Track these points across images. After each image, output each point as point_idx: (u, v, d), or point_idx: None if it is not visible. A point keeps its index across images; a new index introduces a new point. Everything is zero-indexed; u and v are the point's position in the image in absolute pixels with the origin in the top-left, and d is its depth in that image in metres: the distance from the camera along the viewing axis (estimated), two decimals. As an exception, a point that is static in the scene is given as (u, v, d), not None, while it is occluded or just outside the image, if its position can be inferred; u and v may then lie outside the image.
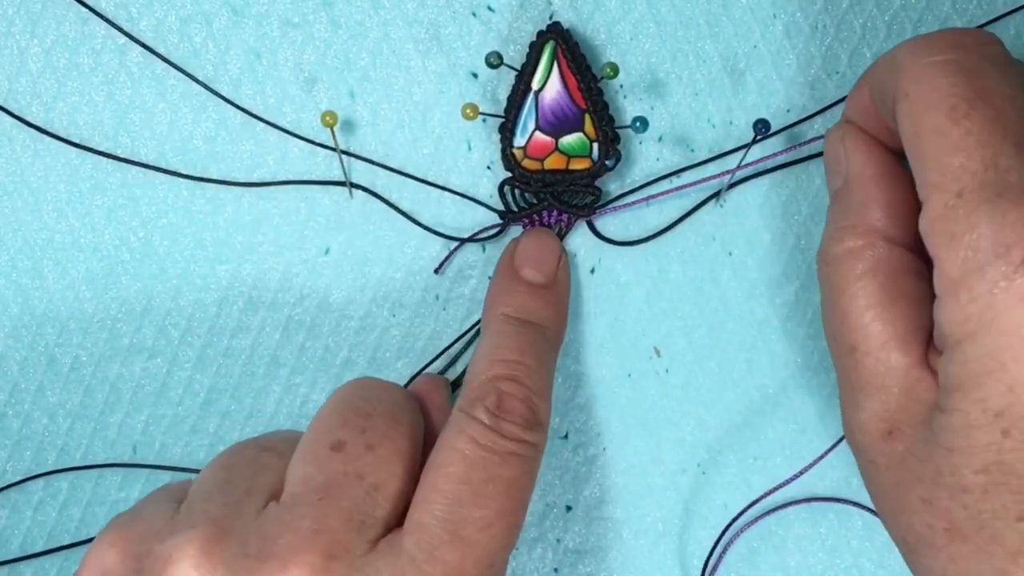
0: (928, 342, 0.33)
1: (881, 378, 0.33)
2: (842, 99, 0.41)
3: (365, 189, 0.42)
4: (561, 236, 0.42)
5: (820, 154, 0.42)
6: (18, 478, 0.43)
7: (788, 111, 0.42)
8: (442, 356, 0.42)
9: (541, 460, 0.36)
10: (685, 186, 0.41)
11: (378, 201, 0.42)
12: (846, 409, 0.34)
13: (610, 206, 0.41)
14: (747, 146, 0.40)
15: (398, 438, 0.34)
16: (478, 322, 0.42)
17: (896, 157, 0.36)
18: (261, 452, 0.35)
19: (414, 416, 0.36)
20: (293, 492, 0.33)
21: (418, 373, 0.42)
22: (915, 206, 0.33)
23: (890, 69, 0.33)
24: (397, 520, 0.34)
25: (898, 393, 0.32)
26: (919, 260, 0.34)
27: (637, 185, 0.42)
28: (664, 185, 0.42)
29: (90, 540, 0.43)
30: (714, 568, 0.43)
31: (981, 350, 0.29)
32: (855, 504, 0.43)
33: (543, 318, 0.39)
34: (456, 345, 0.42)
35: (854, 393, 0.33)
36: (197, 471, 0.43)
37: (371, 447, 0.34)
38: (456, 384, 0.41)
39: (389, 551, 0.32)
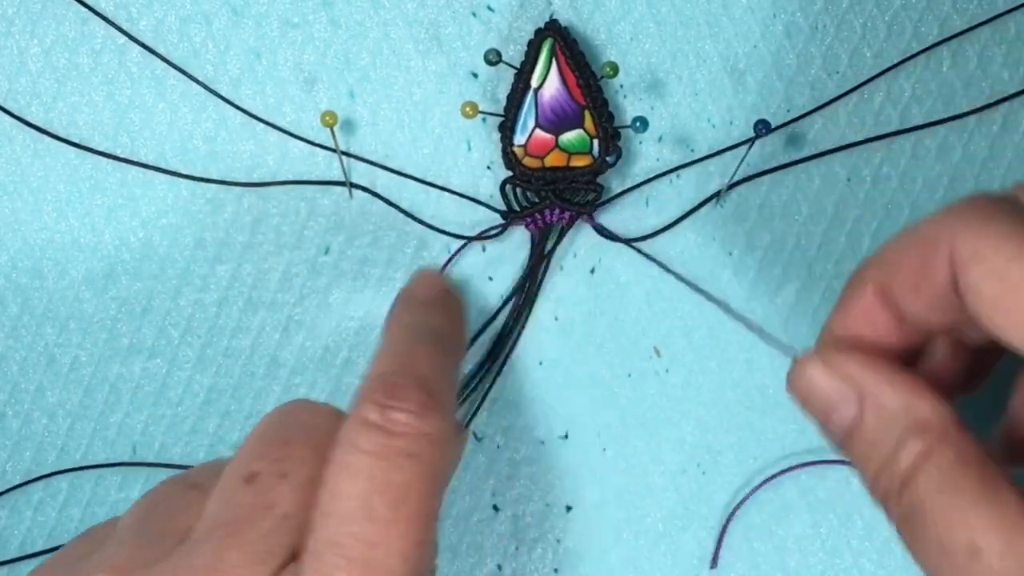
0: None
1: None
2: (840, 96, 0.41)
3: (365, 189, 0.42)
4: (563, 234, 0.42)
5: (820, 154, 0.42)
6: (18, 478, 0.43)
7: (788, 111, 0.42)
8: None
9: (452, 454, 0.32)
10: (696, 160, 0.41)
11: (378, 201, 0.42)
12: None
13: (608, 205, 0.41)
14: (748, 143, 0.40)
15: (316, 463, 0.31)
16: (481, 327, 0.42)
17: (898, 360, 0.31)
18: (186, 490, 0.33)
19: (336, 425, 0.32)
20: (202, 529, 0.31)
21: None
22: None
23: (928, 247, 0.29)
24: None
25: None
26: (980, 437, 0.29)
27: (638, 183, 0.42)
28: (664, 184, 0.42)
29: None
30: (716, 552, 0.43)
31: None
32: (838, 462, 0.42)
33: (434, 320, 0.36)
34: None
35: None
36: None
37: (284, 475, 0.31)
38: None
39: None
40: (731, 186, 0.41)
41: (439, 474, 0.31)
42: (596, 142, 0.40)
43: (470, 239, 0.41)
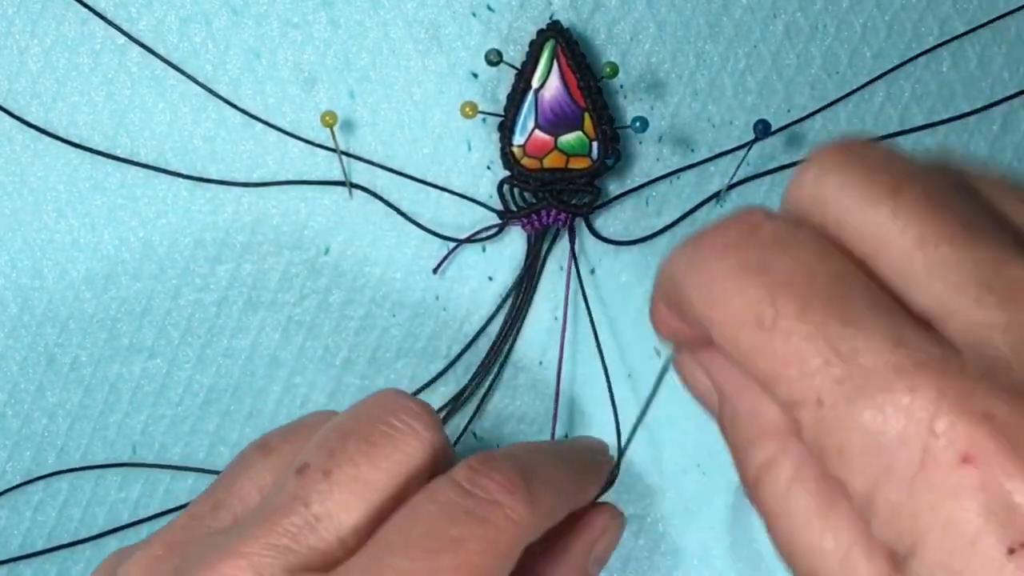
0: None
1: None
2: (842, 97, 0.41)
3: (365, 189, 0.42)
4: (559, 235, 0.42)
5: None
6: (18, 478, 0.43)
7: (788, 111, 0.42)
8: (442, 357, 0.42)
9: (517, 545, 0.30)
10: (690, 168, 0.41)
11: (378, 201, 0.42)
12: None
13: (608, 205, 0.41)
14: (747, 145, 0.40)
15: (364, 465, 0.31)
16: (482, 327, 0.42)
17: None
18: (253, 451, 0.34)
19: (415, 441, 0.32)
20: (247, 513, 0.31)
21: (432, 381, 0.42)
22: None
23: (675, 289, 0.29)
24: (350, 555, 0.31)
25: None
26: None
27: (637, 185, 0.42)
28: (664, 185, 0.42)
29: (90, 539, 0.43)
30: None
31: (932, 565, 0.24)
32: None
33: (575, 461, 0.35)
34: (455, 347, 0.42)
35: None
36: (196, 470, 0.43)
37: (328, 472, 0.30)
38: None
39: None
40: (731, 186, 0.41)
41: (502, 549, 0.30)
42: (595, 144, 0.40)
43: (461, 241, 0.41)
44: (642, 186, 0.42)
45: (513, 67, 0.40)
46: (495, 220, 0.42)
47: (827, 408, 0.25)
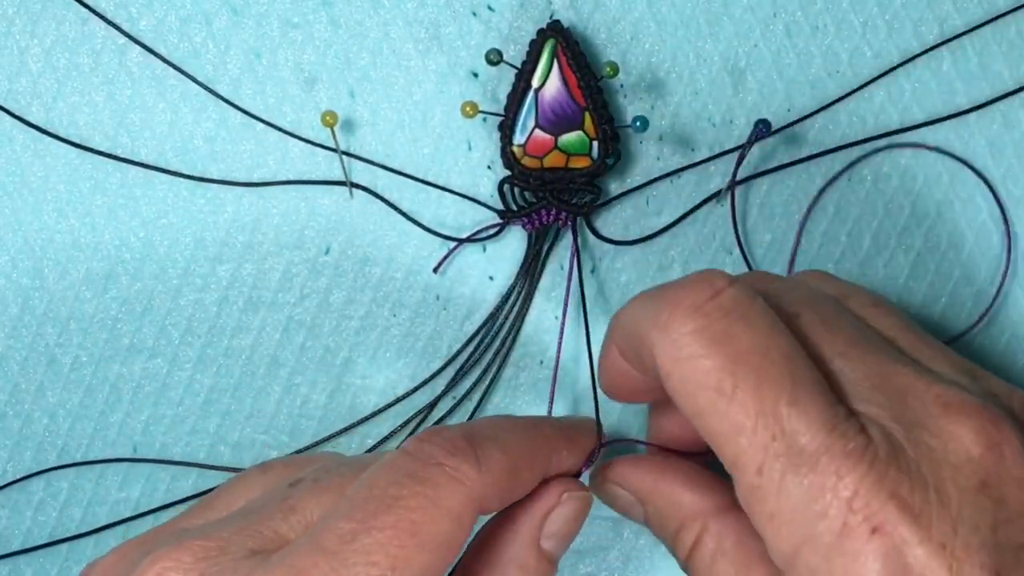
0: None
1: None
2: (842, 97, 0.41)
3: (365, 189, 0.42)
4: (559, 235, 0.42)
5: (821, 154, 0.42)
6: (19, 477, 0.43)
7: (788, 111, 0.42)
8: (442, 356, 0.42)
9: (466, 505, 0.30)
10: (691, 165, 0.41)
11: (378, 201, 0.42)
12: None
13: (608, 205, 0.41)
14: (747, 145, 0.40)
15: (350, 477, 0.32)
16: (481, 326, 0.42)
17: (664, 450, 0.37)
18: (254, 469, 0.35)
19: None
20: (231, 512, 0.33)
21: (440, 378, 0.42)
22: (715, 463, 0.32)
23: (637, 341, 0.32)
24: None
25: None
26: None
27: (637, 184, 0.42)
28: (664, 185, 0.42)
29: (91, 532, 0.43)
30: None
31: None
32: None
33: (548, 428, 0.36)
34: (456, 347, 0.42)
35: None
36: (198, 466, 0.43)
37: (316, 480, 0.32)
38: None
39: (260, 560, 0.29)
40: (731, 186, 0.41)
41: (446, 508, 0.30)
42: (595, 144, 0.40)
43: (461, 241, 0.41)
44: (642, 186, 0.42)
45: (513, 67, 0.40)
46: (495, 220, 0.42)
47: (764, 478, 0.29)
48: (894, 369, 0.31)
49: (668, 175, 0.42)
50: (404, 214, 0.42)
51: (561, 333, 0.42)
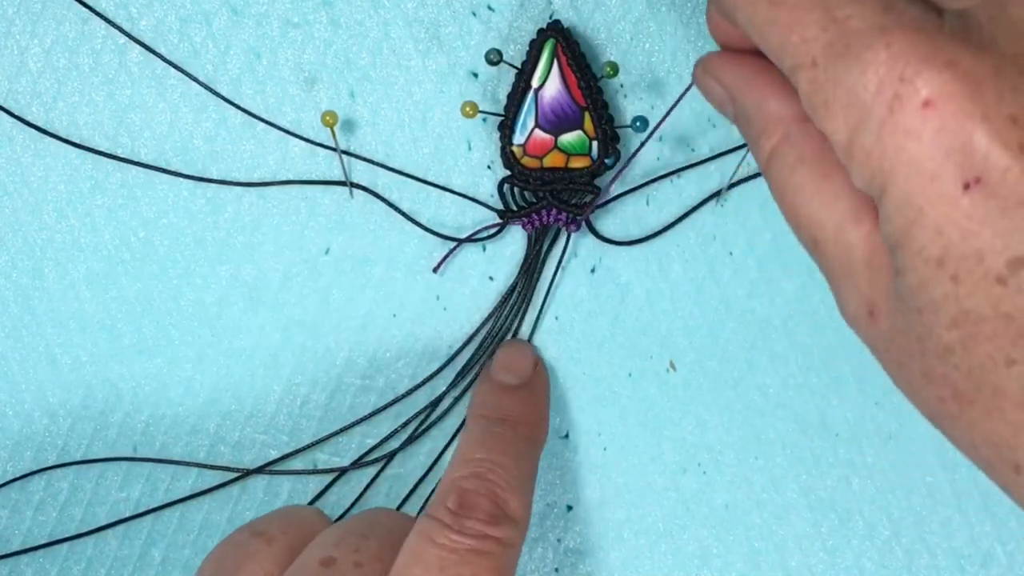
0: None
1: (846, 260, 0.30)
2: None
3: (365, 189, 0.42)
4: (558, 235, 0.42)
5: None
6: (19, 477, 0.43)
7: (788, 110, 0.41)
8: (442, 357, 0.42)
9: (516, 555, 0.35)
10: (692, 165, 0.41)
11: (378, 201, 0.42)
12: (839, 307, 0.32)
13: (608, 205, 0.41)
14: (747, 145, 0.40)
15: (390, 560, 0.34)
16: (481, 326, 0.42)
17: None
18: (251, 537, 0.36)
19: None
20: None
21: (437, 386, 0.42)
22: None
23: None
24: None
25: (864, 269, 0.30)
26: None
27: (637, 184, 0.42)
28: (665, 184, 0.42)
29: (91, 532, 0.43)
30: None
31: (897, 203, 0.27)
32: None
33: (517, 415, 0.39)
34: (455, 346, 0.42)
35: (834, 286, 0.31)
36: (198, 466, 0.43)
37: (359, 565, 0.34)
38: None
39: None
40: (731, 185, 0.41)
41: (507, 566, 0.34)
42: (595, 144, 0.40)
43: (461, 241, 0.41)
44: (642, 186, 0.42)
45: (513, 67, 0.40)
46: (495, 220, 0.42)
47: (820, 68, 0.27)
48: None
49: (668, 175, 0.42)
50: (404, 214, 0.42)
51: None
